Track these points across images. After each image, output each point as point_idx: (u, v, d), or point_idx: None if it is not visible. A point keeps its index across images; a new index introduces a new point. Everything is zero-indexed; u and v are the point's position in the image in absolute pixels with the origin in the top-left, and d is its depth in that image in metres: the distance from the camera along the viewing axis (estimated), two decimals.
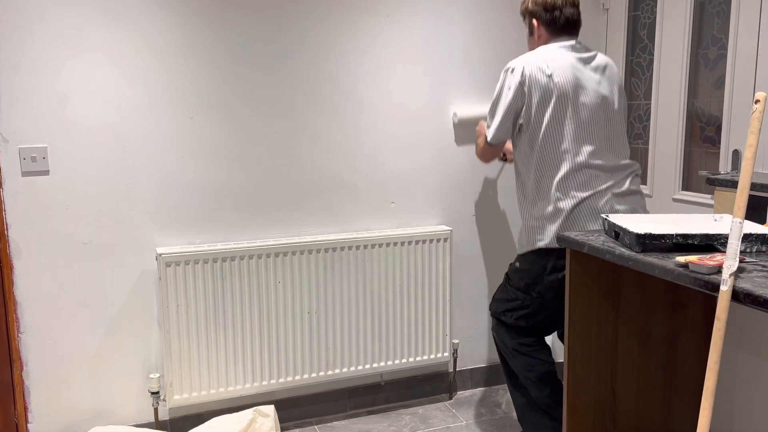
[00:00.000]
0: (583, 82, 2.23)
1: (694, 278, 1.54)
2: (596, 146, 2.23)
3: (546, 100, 2.20)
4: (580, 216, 2.22)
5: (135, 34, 2.39)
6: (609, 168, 2.26)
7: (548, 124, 2.21)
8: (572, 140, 2.21)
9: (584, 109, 2.22)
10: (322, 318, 2.70)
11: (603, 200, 2.23)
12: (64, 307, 2.43)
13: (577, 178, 2.22)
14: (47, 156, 2.33)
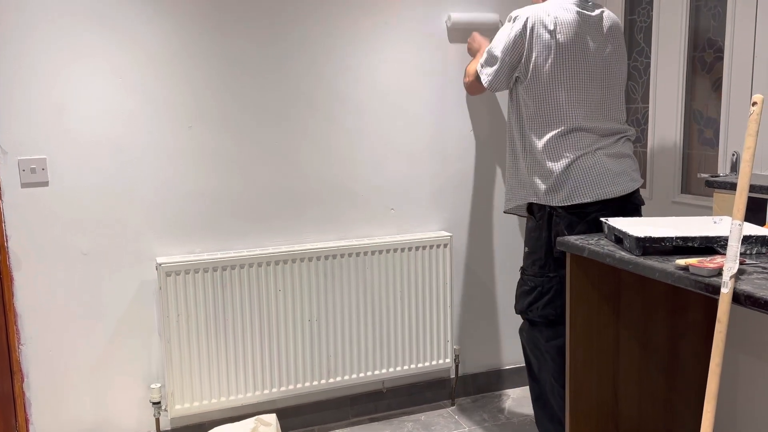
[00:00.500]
0: (586, 42, 2.22)
1: (695, 281, 1.55)
2: (591, 109, 2.24)
3: (545, 56, 2.20)
4: (571, 175, 2.23)
5: (133, 43, 2.41)
6: (601, 130, 2.26)
7: (545, 82, 2.22)
8: (567, 100, 2.22)
9: (583, 71, 2.22)
10: (323, 325, 2.71)
11: (594, 159, 2.23)
12: (64, 318, 2.44)
13: (569, 139, 2.23)
14: (46, 167, 2.34)
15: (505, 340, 3.15)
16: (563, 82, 2.21)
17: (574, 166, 2.23)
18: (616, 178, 2.24)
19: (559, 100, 2.22)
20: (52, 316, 2.42)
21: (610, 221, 1.97)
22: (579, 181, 2.22)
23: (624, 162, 2.28)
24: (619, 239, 1.89)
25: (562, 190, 2.24)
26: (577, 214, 2.25)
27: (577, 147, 2.23)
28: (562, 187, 2.24)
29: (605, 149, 2.25)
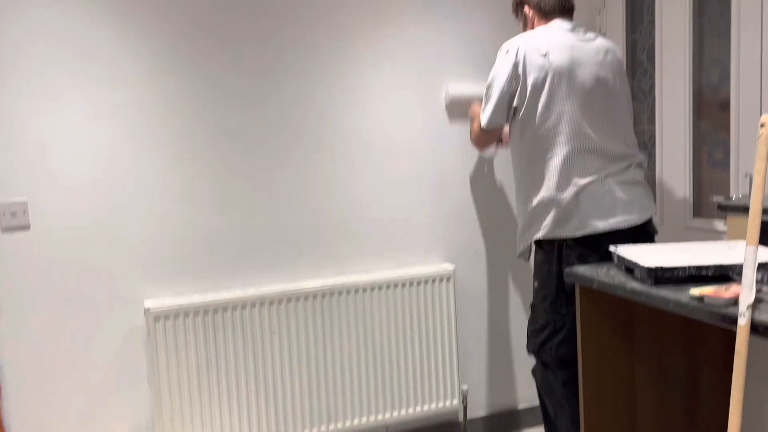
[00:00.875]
0: (582, 61, 2.21)
1: (710, 312, 1.52)
2: (595, 130, 2.20)
3: (541, 80, 2.18)
4: (580, 204, 2.19)
5: (117, 81, 2.41)
6: (609, 154, 2.21)
7: (544, 106, 2.19)
8: (569, 122, 2.18)
9: (582, 90, 2.20)
10: (321, 368, 2.66)
11: (604, 187, 2.19)
12: (48, 369, 2.40)
13: (576, 164, 2.19)
14: (28, 210, 2.33)
15: (517, 378, 3.09)
16: (562, 102, 2.19)
17: (584, 194, 2.19)
18: (628, 206, 2.20)
19: (560, 122, 2.19)
20: (35, 367, 2.38)
21: (619, 250, 1.93)
22: (590, 211, 2.18)
23: (636, 190, 2.24)
24: (629, 269, 1.86)
25: (572, 220, 2.20)
26: (589, 246, 2.19)
27: (585, 172, 2.19)
28: (572, 216, 2.20)
29: (615, 176, 2.21)
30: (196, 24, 2.49)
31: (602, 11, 2.98)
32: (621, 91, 2.29)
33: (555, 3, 2.31)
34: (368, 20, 2.73)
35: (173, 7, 2.46)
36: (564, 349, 2.26)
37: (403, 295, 2.76)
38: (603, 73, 2.24)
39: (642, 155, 2.33)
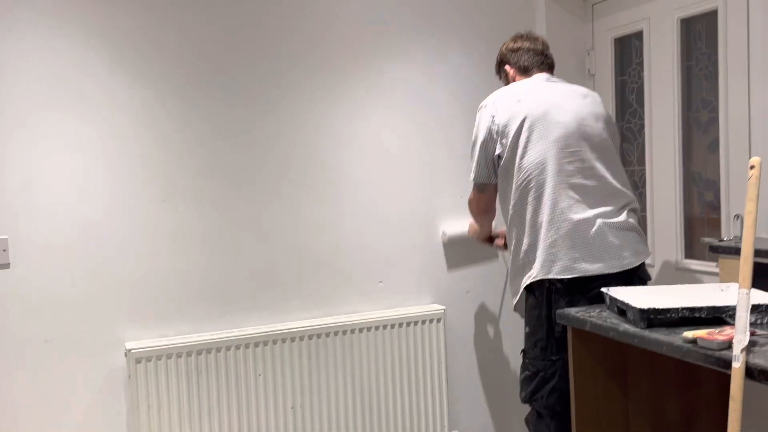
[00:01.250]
0: (559, 103, 2.27)
1: (704, 355, 1.55)
2: (581, 170, 2.22)
3: (518, 125, 2.24)
4: (567, 246, 2.18)
5: (102, 117, 2.44)
6: (599, 194, 2.22)
7: (523, 149, 2.23)
8: (551, 163, 2.20)
9: (562, 131, 2.22)
10: (307, 413, 2.65)
11: (593, 228, 2.19)
12: (23, 413, 2.36)
13: (561, 204, 2.19)
14: (8, 248, 2.33)
15: (508, 425, 3.09)
16: (542, 144, 2.22)
17: (570, 235, 2.18)
18: (619, 251, 2.20)
19: (541, 163, 2.21)
20: (8, 411, 2.35)
21: (612, 291, 1.97)
22: (577, 253, 2.18)
23: (628, 234, 2.24)
24: (622, 311, 1.89)
25: (558, 262, 2.19)
26: (578, 290, 2.18)
27: (571, 213, 2.19)
28: (559, 258, 2.19)
29: (606, 217, 2.20)
30: (185, 63, 2.54)
31: (591, 53, 3.08)
32: (605, 133, 2.31)
33: (533, 60, 2.43)
34: (358, 62, 2.80)
35: (162, 45, 2.50)
36: (555, 398, 2.24)
37: (392, 337, 2.77)
38: (583, 114, 2.27)
39: (634, 200, 2.32)
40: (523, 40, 2.47)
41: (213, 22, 2.57)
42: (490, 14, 3.01)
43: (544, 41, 2.50)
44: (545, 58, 2.45)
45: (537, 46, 2.45)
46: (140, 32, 2.48)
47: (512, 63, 2.46)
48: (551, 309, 2.21)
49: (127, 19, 2.45)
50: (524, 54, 2.44)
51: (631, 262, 2.22)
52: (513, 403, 3.04)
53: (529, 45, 2.45)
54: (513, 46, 2.47)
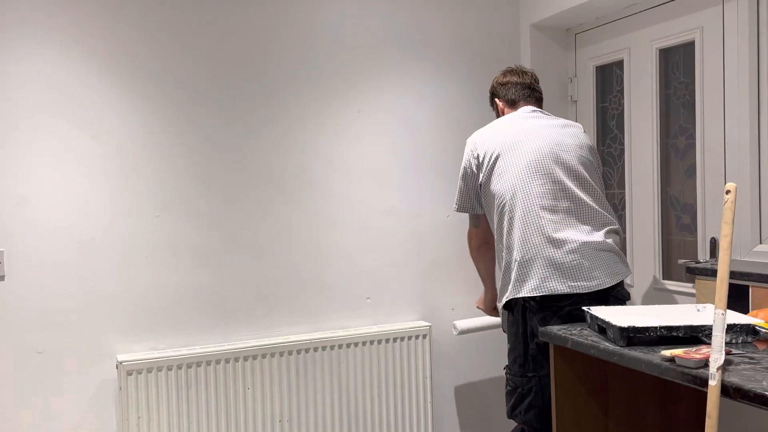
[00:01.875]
0: (533, 130, 2.33)
1: (682, 373, 1.56)
2: (551, 190, 2.23)
3: (493, 155, 2.32)
4: (537, 265, 2.19)
5: (99, 136, 2.44)
6: (570, 214, 2.23)
7: (498, 176, 2.30)
8: (523, 188, 2.23)
9: (531, 152, 2.27)
10: (294, 426, 2.63)
11: (563, 248, 2.18)
12: (12, 425, 2.33)
13: (531, 225, 2.21)
14: (3, 261, 2.31)
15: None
16: (515, 169, 2.26)
17: (543, 252, 2.19)
18: (590, 272, 2.18)
19: (515, 188, 2.25)
20: (2, 423, 2.32)
21: (593, 310, 1.98)
22: (547, 272, 2.18)
23: (604, 255, 2.22)
24: (602, 329, 1.90)
25: (529, 281, 2.20)
26: (550, 308, 2.19)
27: (544, 231, 2.20)
28: (529, 277, 2.20)
29: (580, 238, 2.20)
30: (182, 83, 2.55)
31: (574, 80, 3.12)
32: (584, 158, 2.32)
33: (520, 93, 2.49)
34: (349, 84, 2.82)
35: (160, 65, 2.51)
36: (532, 415, 2.24)
37: (379, 352, 2.77)
38: (558, 140, 2.30)
39: (616, 221, 2.33)
40: (512, 75, 2.53)
41: (210, 44, 2.59)
42: (478, 41, 3.04)
43: (533, 75, 2.55)
44: (532, 91, 2.51)
45: (525, 80, 2.51)
46: (139, 52, 2.49)
47: (501, 96, 2.53)
48: (527, 326, 2.24)
49: (125, 38, 2.47)
50: (512, 88, 2.50)
51: (603, 282, 2.19)
52: (497, 419, 3.04)
53: (516, 79, 2.51)
54: (502, 80, 2.54)
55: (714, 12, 2.42)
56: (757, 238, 2.32)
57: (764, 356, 1.64)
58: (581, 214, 2.25)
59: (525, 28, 3.10)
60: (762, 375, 1.49)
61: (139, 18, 2.48)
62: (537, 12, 3.01)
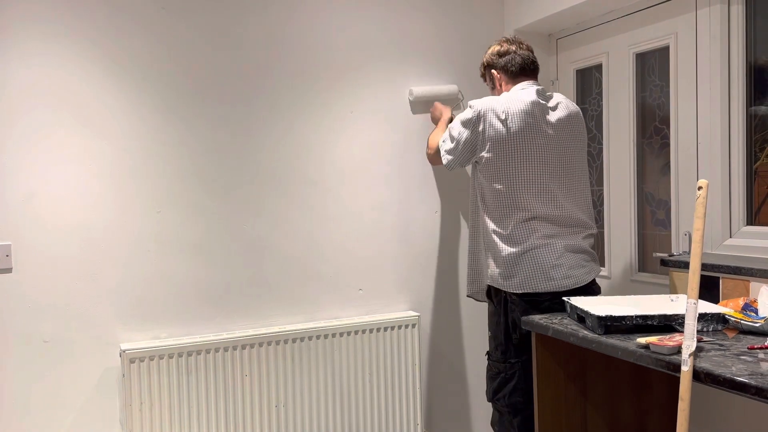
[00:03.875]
0: (540, 131, 2.23)
1: (656, 359, 1.56)
2: (548, 197, 2.23)
3: (498, 146, 2.22)
4: (523, 265, 2.21)
5: (106, 134, 2.42)
6: (560, 220, 2.25)
7: (500, 170, 2.23)
8: (521, 188, 2.22)
9: (538, 159, 2.22)
10: (290, 411, 2.62)
11: (548, 250, 2.21)
12: (21, 410, 2.31)
13: (525, 227, 2.22)
14: (11, 254, 2.29)
15: (476, 422, 3.08)
16: (517, 171, 2.22)
17: (527, 255, 2.21)
18: (570, 271, 2.21)
19: (513, 188, 2.23)
20: (7, 407, 2.30)
21: (572, 300, 1.98)
22: (532, 271, 2.20)
23: (579, 256, 2.25)
24: (581, 318, 1.90)
25: (515, 277, 2.22)
26: (531, 303, 2.21)
27: (532, 236, 2.22)
28: (516, 274, 2.22)
29: (563, 239, 2.23)
30: (183, 85, 2.53)
31: (555, 82, 3.11)
32: (578, 156, 2.32)
33: (520, 65, 2.34)
34: (342, 85, 2.80)
35: (162, 67, 2.49)
36: (516, 396, 2.26)
37: (370, 341, 2.76)
38: (562, 139, 2.27)
39: (595, 227, 2.35)
40: (509, 44, 2.38)
41: (211, 50, 2.57)
42: (463, 44, 3.03)
43: (529, 45, 2.42)
44: (531, 63, 2.37)
45: (523, 51, 2.37)
46: (145, 58, 2.46)
47: (499, 67, 2.38)
48: (508, 318, 2.26)
49: (133, 45, 2.44)
50: (513, 59, 2.35)
51: (580, 281, 2.23)
52: (482, 402, 3.04)
53: (515, 49, 2.36)
54: (500, 50, 2.38)
55: (688, 18, 2.42)
56: (727, 232, 2.32)
57: (733, 343, 1.64)
58: (574, 218, 2.27)
59: (509, 33, 3.08)
60: (731, 361, 1.49)
61: (146, 25, 2.46)
62: (520, 18, 3.00)
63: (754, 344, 1.60)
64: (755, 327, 1.71)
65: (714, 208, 2.32)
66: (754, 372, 1.40)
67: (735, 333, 1.73)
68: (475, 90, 2.86)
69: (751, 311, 1.83)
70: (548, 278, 2.20)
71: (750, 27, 2.26)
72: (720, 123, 2.31)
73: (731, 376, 1.39)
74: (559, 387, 2.04)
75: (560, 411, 2.04)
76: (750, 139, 2.29)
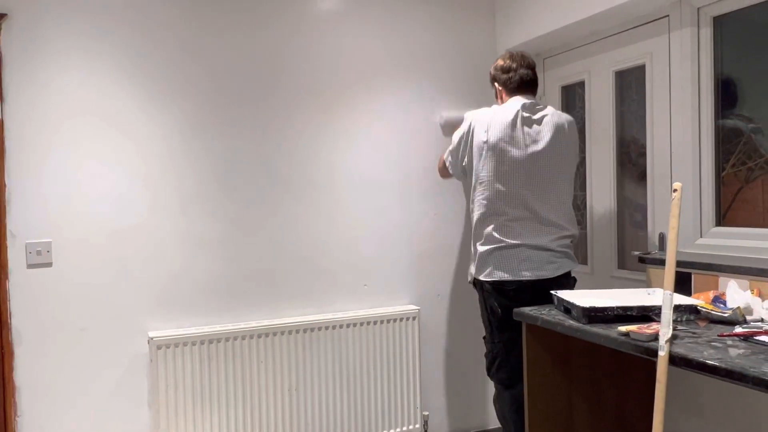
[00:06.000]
0: (514, 140, 2.28)
1: (635, 345, 1.58)
2: (518, 200, 2.28)
3: (478, 155, 2.33)
4: (492, 260, 2.29)
5: (138, 140, 2.45)
6: (526, 222, 2.29)
7: (479, 176, 2.33)
8: (497, 195, 2.29)
9: (514, 167, 2.28)
10: (302, 395, 2.64)
11: (515, 248, 2.27)
12: (59, 391, 2.33)
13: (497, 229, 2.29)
14: (51, 249, 2.31)
15: (472, 406, 3.09)
16: (494, 177, 2.29)
17: (497, 252, 2.30)
18: (536, 266, 2.28)
19: (491, 194, 2.31)
20: (47, 389, 2.32)
21: (559, 293, 2.00)
22: (498, 265, 2.29)
23: (546, 254, 2.29)
24: (567, 309, 1.92)
25: (485, 269, 2.32)
26: (500, 292, 2.30)
27: (504, 234, 2.29)
28: (485, 266, 2.32)
29: (529, 241, 2.28)
30: (207, 99, 2.56)
31: (542, 98, 3.13)
32: (559, 167, 2.34)
33: (518, 82, 2.39)
34: (348, 99, 2.82)
35: (191, 80, 2.52)
36: (503, 372, 2.33)
37: (374, 332, 2.78)
38: (536, 147, 2.29)
39: (574, 230, 2.38)
40: (512, 61, 2.41)
41: (233, 67, 2.60)
42: (460, 64, 3.05)
43: (531, 62, 2.43)
44: (529, 80, 2.40)
45: (523, 70, 2.39)
46: (174, 73, 2.50)
47: (500, 82, 2.44)
48: (486, 303, 2.36)
49: (164, 61, 2.48)
50: (512, 77, 2.39)
51: (542, 275, 2.27)
52: (475, 388, 3.07)
53: (516, 66, 2.39)
54: (504, 66, 2.42)
55: (662, 40, 2.45)
56: (698, 232, 2.34)
57: (705, 332, 1.67)
58: (537, 221, 2.31)
59: (501, 53, 3.11)
60: (703, 347, 1.51)
61: (176, 44, 2.50)
62: (511, 39, 3.03)
63: (724, 332, 1.63)
64: (724, 317, 1.73)
65: (686, 210, 2.34)
66: (724, 357, 1.43)
67: (706, 322, 1.76)
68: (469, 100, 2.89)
69: (720, 303, 1.86)
70: (512, 271, 2.28)
71: (718, 48, 2.29)
72: (691, 134, 2.34)
73: (703, 360, 1.41)
74: (547, 371, 2.06)
75: (547, 393, 2.06)
76: (718, 148, 2.31)
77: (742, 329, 1.63)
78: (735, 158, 2.25)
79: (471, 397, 3.09)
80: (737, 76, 2.26)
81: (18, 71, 2.26)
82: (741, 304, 1.76)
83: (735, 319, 1.71)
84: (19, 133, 2.27)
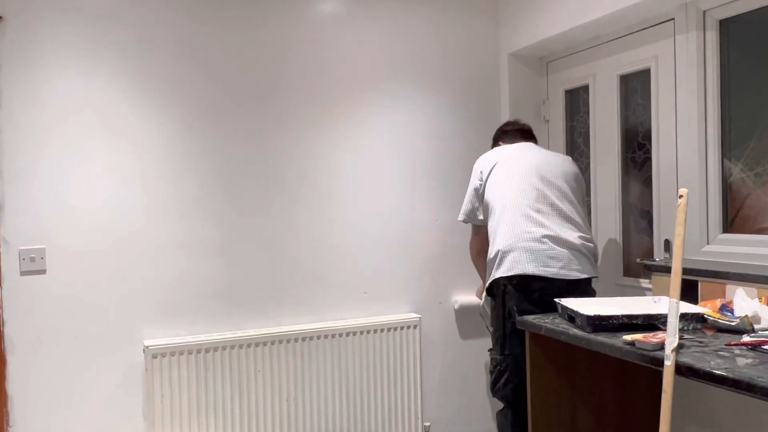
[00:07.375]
0: (523, 153, 2.47)
1: (641, 355, 1.58)
2: (535, 197, 2.32)
3: (489, 169, 2.46)
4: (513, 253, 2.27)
5: (133, 147, 2.45)
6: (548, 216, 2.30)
7: (492, 186, 2.42)
8: (511, 193, 2.35)
9: (520, 167, 2.40)
10: (300, 405, 2.63)
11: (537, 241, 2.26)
12: (52, 401, 2.33)
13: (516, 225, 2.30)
14: (45, 256, 2.31)
15: (473, 417, 3.08)
16: (507, 176, 2.39)
17: (519, 244, 2.27)
18: (551, 261, 2.24)
19: (504, 191, 2.37)
20: (41, 399, 2.31)
21: (563, 302, 2.00)
22: (524, 256, 2.25)
23: (572, 252, 2.27)
24: (571, 318, 1.92)
25: (505, 263, 2.29)
26: (523, 292, 2.25)
27: (523, 228, 2.29)
28: (506, 260, 2.29)
29: (552, 234, 2.26)
30: (205, 103, 2.56)
31: (546, 102, 3.15)
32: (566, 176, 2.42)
33: (518, 130, 2.69)
34: (347, 101, 2.83)
35: (188, 87, 2.53)
36: (509, 389, 2.28)
37: (375, 340, 2.77)
38: (543, 161, 2.43)
39: (588, 229, 2.38)
40: (511, 125, 2.73)
41: (232, 70, 2.60)
42: (463, 69, 3.06)
43: (525, 125, 2.72)
44: (528, 129, 2.72)
45: (521, 124, 2.73)
46: (171, 78, 2.50)
47: (501, 135, 2.72)
48: (505, 308, 2.30)
49: (161, 66, 2.48)
50: (512, 134, 2.69)
51: (566, 273, 2.24)
52: (477, 398, 3.05)
53: (513, 128, 2.71)
54: (504, 129, 2.73)
55: (667, 43, 2.45)
56: (705, 239, 2.34)
57: (712, 341, 1.66)
58: (559, 216, 2.32)
59: (504, 57, 3.13)
60: (710, 356, 1.51)
61: (173, 47, 2.50)
62: (514, 43, 3.04)
63: (731, 341, 1.62)
64: (732, 326, 1.72)
65: (693, 216, 2.34)
66: (731, 366, 1.42)
67: (713, 331, 1.75)
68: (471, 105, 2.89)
69: (727, 311, 1.85)
70: (537, 263, 2.23)
71: (724, 51, 2.29)
72: (697, 139, 2.34)
73: (710, 370, 1.41)
74: (551, 380, 2.05)
75: (551, 402, 2.05)
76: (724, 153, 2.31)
77: (750, 338, 1.62)
78: (742, 163, 2.25)
79: (473, 407, 3.07)
80: (744, 79, 2.26)
81: (12, 75, 2.27)
82: (749, 313, 1.75)
83: (743, 328, 1.70)
84: (13, 137, 2.27)
